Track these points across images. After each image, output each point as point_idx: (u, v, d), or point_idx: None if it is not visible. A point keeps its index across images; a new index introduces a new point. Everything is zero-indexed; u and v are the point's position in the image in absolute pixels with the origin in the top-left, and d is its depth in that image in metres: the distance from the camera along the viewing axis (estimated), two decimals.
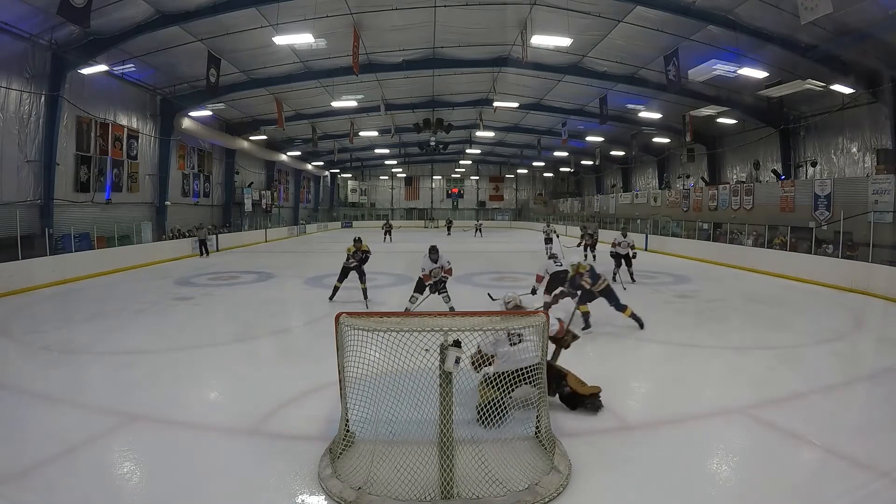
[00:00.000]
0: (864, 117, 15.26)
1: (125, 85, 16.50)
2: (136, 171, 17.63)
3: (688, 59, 13.68)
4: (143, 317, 7.98)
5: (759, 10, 11.76)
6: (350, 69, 14.78)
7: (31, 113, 12.85)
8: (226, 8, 12.50)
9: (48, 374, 5.19)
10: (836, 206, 14.22)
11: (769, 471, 3.34)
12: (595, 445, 3.68)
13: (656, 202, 25.81)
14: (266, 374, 5.27)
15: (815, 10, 9.40)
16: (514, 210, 46.18)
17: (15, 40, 11.99)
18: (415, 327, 3.15)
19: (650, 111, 20.42)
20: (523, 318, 3.80)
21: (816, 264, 12.05)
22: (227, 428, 3.98)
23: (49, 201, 13.33)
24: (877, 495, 3.09)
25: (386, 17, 13.93)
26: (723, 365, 5.59)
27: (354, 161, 40.05)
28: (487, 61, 17.63)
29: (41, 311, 8.46)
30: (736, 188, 19.54)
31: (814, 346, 6.56)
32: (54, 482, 3.16)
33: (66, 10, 9.60)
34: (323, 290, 9.92)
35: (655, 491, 3.12)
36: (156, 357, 5.78)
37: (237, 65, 16.74)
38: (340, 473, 3.17)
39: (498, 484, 3.04)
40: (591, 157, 31.95)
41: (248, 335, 6.82)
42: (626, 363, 5.74)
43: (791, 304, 9.80)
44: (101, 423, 3.98)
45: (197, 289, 10.81)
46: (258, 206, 28.21)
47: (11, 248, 10.55)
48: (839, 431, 3.93)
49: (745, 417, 4.19)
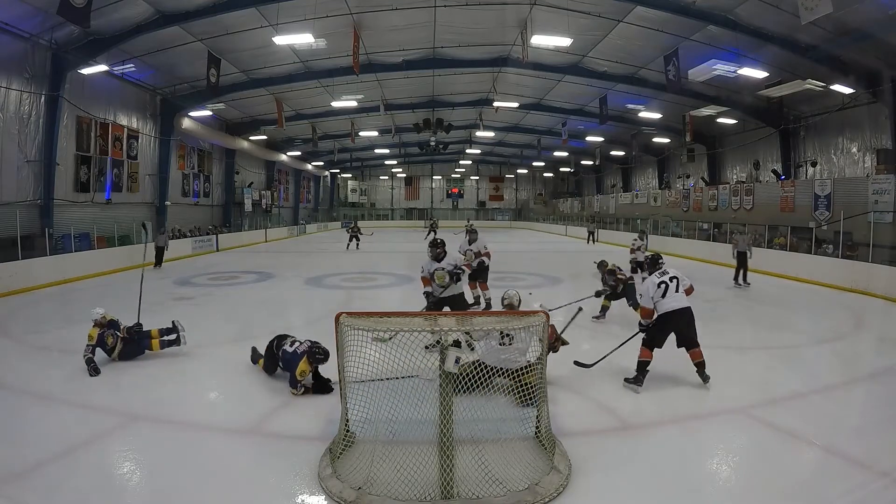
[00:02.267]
0: (864, 117, 15.25)
1: (125, 85, 16.50)
2: (136, 171, 17.62)
3: (688, 59, 13.68)
4: (143, 317, 7.94)
5: (759, 10, 11.76)
6: (350, 69, 14.78)
7: (31, 113, 12.84)
8: (226, 8, 12.49)
9: (48, 374, 5.19)
10: (836, 206, 14.22)
11: (769, 471, 3.34)
12: (595, 445, 3.68)
13: (656, 202, 25.83)
14: (266, 374, 5.26)
15: (815, 10, 9.40)
16: (514, 210, 46.18)
17: (15, 40, 11.98)
18: (415, 327, 3.15)
19: (650, 111, 20.42)
20: (523, 318, 3.80)
21: (816, 264, 12.05)
22: (227, 428, 3.98)
23: (49, 201, 13.32)
24: (877, 495, 3.09)
25: (386, 17, 13.92)
26: (723, 365, 5.58)
27: (354, 161, 40.04)
28: (487, 61, 17.62)
29: (41, 311, 8.46)
30: (736, 188, 19.54)
31: (814, 346, 6.56)
32: (54, 482, 3.16)
33: (66, 10, 9.59)
34: (323, 290, 9.95)
35: (655, 491, 3.12)
36: (156, 357, 5.78)
37: (237, 65, 16.74)
38: (340, 473, 3.17)
39: (498, 484, 3.04)
40: (591, 157, 31.95)
41: (248, 335, 6.81)
42: (626, 363, 5.73)
43: (791, 304, 9.80)
44: (101, 423, 3.98)
45: (197, 289, 10.81)
46: (258, 206, 28.20)
47: (11, 248, 10.55)
48: (839, 431, 3.93)
49: (745, 417, 4.19)
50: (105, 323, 5.51)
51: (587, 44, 15.40)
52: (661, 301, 4.80)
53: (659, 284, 4.84)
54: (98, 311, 5.54)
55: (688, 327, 4.84)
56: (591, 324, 7.16)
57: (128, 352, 5.58)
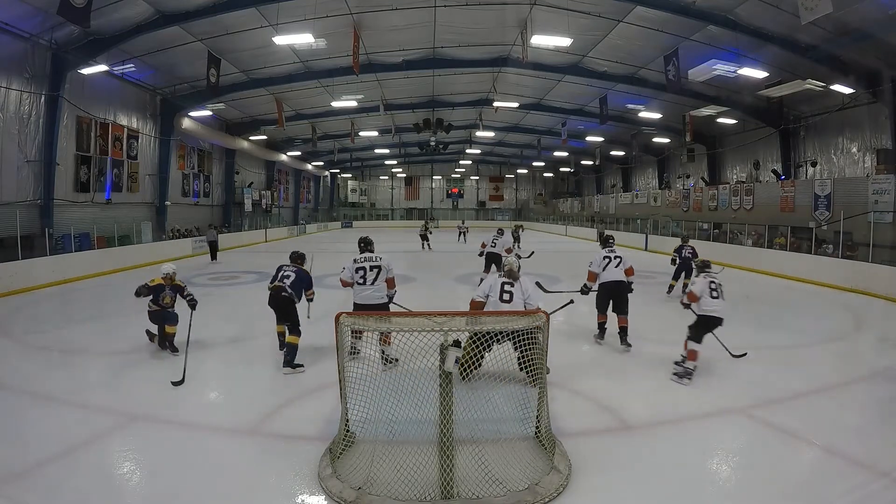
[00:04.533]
0: (864, 117, 15.26)
1: (125, 85, 16.50)
2: (136, 171, 17.63)
3: (688, 59, 13.68)
4: (144, 317, 7.94)
5: (759, 10, 11.76)
6: (350, 69, 14.78)
7: (31, 113, 12.85)
8: (226, 8, 12.50)
9: (48, 374, 5.19)
10: (836, 206, 14.22)
11: (769, 471, 3.34)
12: (595, 445, 3.68)
13: (656, 202, 25.82)
14: (266, 374, 5.26)
15: (815, 10, 9.41)
16: (515, 210, 46.17)
17: (15, 40, 11.99)
18: (415, 327, 3.15)
19: (650, 111, 20.42)
20: (524, 318, 3.80)
21: (816, 264, 12.05)
22: (227, 428, 3.98)
23: (49, 201, 13.33)
24: (877, 495, 3.09)
25: (386, 17, 13.93)
26: (723, 365, 5.59)
27: (354, 161, 40.05)
28: (487, 61, 17.63)
29: (41, 311, 8.45)
30: (736, 188, 19.54)
31: (814, 346, 6.56)
32: (54, 482, 3.16)
33: (66, 10, 9.59)
34: (323, 291, 9.89)
35: (655, 491, 3.12)
36: (156, 357, 5.78)
37: (237, 65, 16.74)
38: (340, 473, 3.17)
39: (498, 484, 3.04)
40: (591, 157, 31.96)
41: (248, 335, 6.82)
42: (626, 363, 5.74)
43: (791, 304, 9.80)
44: (101, 423, 3.98)
45: (197, 289, 10.74)
46: (258, 206, 28.21)
47: (11, 248, 10.56)
48: (839, 431, 3.93)
49: (745, 417, 4.19)
50: (170, 284, 5.85)
51: (587, 44, 15.41)
52: (602, 273, 6.13)
53: (604, 258, 6.18)
54: (171, 268, 5.95)
55: (620, 297, 6.10)
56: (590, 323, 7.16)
57: (164, 315, 5.85)
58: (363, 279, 5.29)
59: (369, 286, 5.28)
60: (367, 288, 5.29)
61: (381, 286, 5.33)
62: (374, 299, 5.28)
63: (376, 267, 5.31)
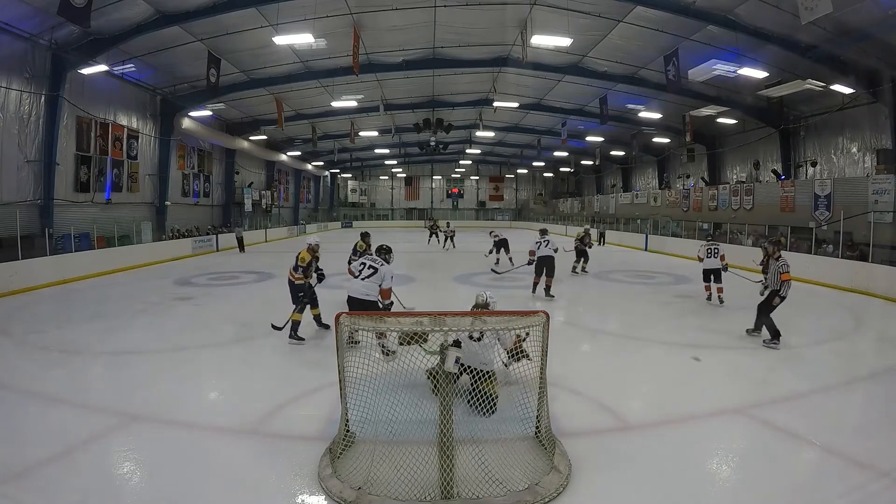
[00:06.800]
0: (864, 117, 15.26)
1: (125, 85, 16.50)
2: (136, 171, 17.63)
3: (688, 59, 13.68)
4: (144, 317, 7.97)
5: (759, 10, 11.76)
6: (350, 69, 14.77)
7: (31, 113, 12.85)
8: (226, 8, 12.50)
9: (48, 374, 5.19)
10: (836, 206, 14.23)
11: (769, 471, 3.34)
12: (595, 445, 3.68)
13: (656, 202, 25.83)
14: (266, 374, 5.27)
15: (815, 10, 9.41)
16: (515, 210, 46.18)
17: (15, 40, 11.99)
18: (415, 327, 3.15)
19: (650, 111, 20.42)
20: (524, 318, 3.78)
21: (816, 264, 12.05)
22: (227, 428, 3.98)
23: (49, 201, 13.33)
24: (876, 495, 3.09)
25: (386, 17, 13.93)
26: (723, 365, 5.59)
27: (354, 161, 40.04)
28: (487, 61, 17.62)
29: (41, 311, 8.45)
30: (736, 188, 19.55)
31: (814, 346, 6.56)
32: (54, 482, 3.16)
33: (66, 10, 9.60)
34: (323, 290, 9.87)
35: (655, 491, 3.12)
36: (156, 357, 5.78)
37: (237, 65, 16.74)
38: (340, 473, 3.17)
39: (498, 484, 3.04)
40: (591, 157, 31.94)
41: (248, 335, 6.82)
42: (626, 363, 5.75)
43: (791, 304, 9.74)
44: (101, 423, 3.98)
45: (197, 289, 10.81)
46: (258, 206, 28.21)
47: (11, 248, 10.56)
48: (839, 431, 3.92)
49: (745, 417, 4.18)
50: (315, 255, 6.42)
51: (587, 44, 15.41)
52: (539, 251, 9.22)
53: (536, 242, 9.37)
54: (315, 240, 6.55)
55: (550, 267, 9.19)
56: (590, 322, 7.17)
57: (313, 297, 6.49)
58: (359, 273, 5.80)
59: (359, 280, 5.75)
60: (357, 281, 5.76)
61: (370, 284, 5.73)
62: (359, 293, 5.71)
63: (372, 267, 5.80)
